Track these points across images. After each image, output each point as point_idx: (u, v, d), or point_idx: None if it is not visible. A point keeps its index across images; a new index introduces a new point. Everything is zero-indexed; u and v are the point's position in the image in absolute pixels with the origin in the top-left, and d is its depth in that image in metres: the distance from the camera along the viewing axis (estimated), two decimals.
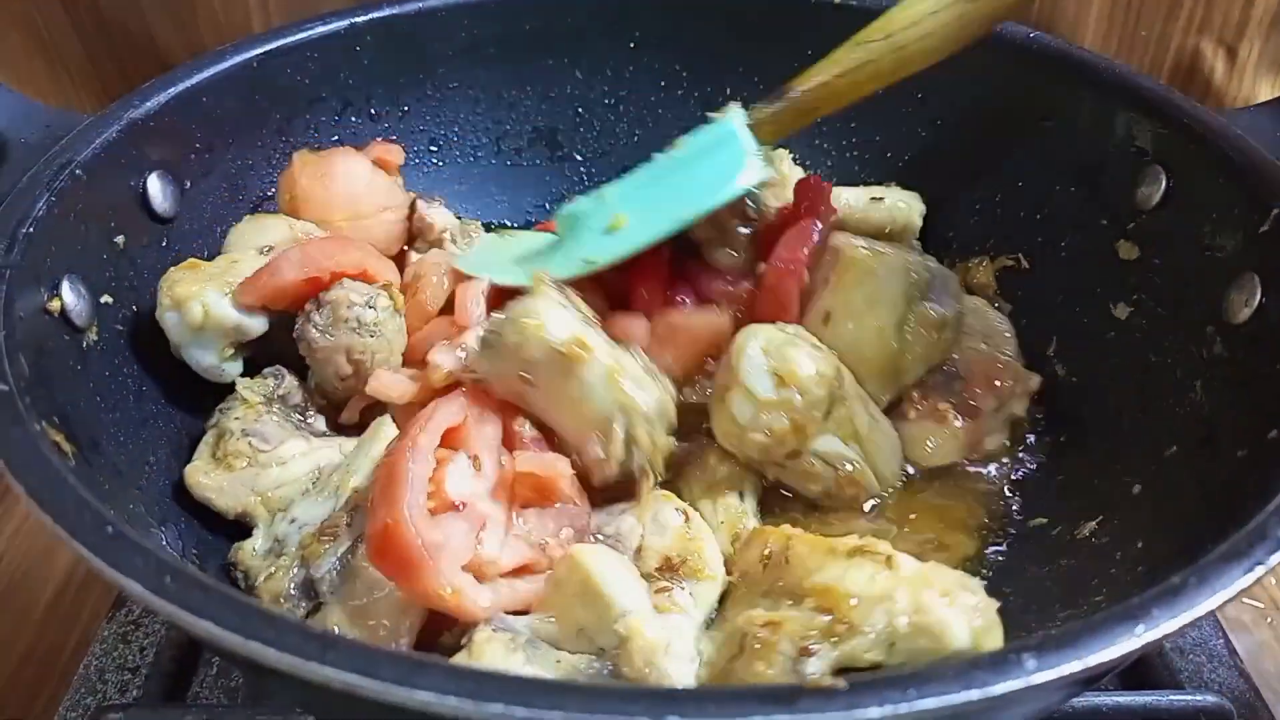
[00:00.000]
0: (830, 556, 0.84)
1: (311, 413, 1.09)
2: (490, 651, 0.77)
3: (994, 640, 0.78)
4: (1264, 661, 1.17)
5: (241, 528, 0.99)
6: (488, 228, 1.36)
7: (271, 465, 0.99)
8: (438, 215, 1.25)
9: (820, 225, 1.15)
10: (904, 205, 1.30)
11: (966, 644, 0.77)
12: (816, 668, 0.76)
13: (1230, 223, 1.00)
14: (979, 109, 1.30)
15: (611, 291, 1.16)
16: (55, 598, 1.25)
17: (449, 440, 0.91)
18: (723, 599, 0.92)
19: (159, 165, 1.10)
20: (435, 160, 1.43)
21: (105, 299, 1.00)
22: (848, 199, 1.28)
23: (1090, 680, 0.62)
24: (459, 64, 1.39)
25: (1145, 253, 1.11)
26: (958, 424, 1.08)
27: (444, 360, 1.01)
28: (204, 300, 1.01)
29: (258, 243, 1.12)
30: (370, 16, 1.30)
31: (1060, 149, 1.21)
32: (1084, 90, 1.18)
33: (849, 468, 1.03)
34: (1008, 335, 1.15)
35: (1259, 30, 1.56)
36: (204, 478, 0.98)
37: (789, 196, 1.22)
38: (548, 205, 1.46)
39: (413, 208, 1.26)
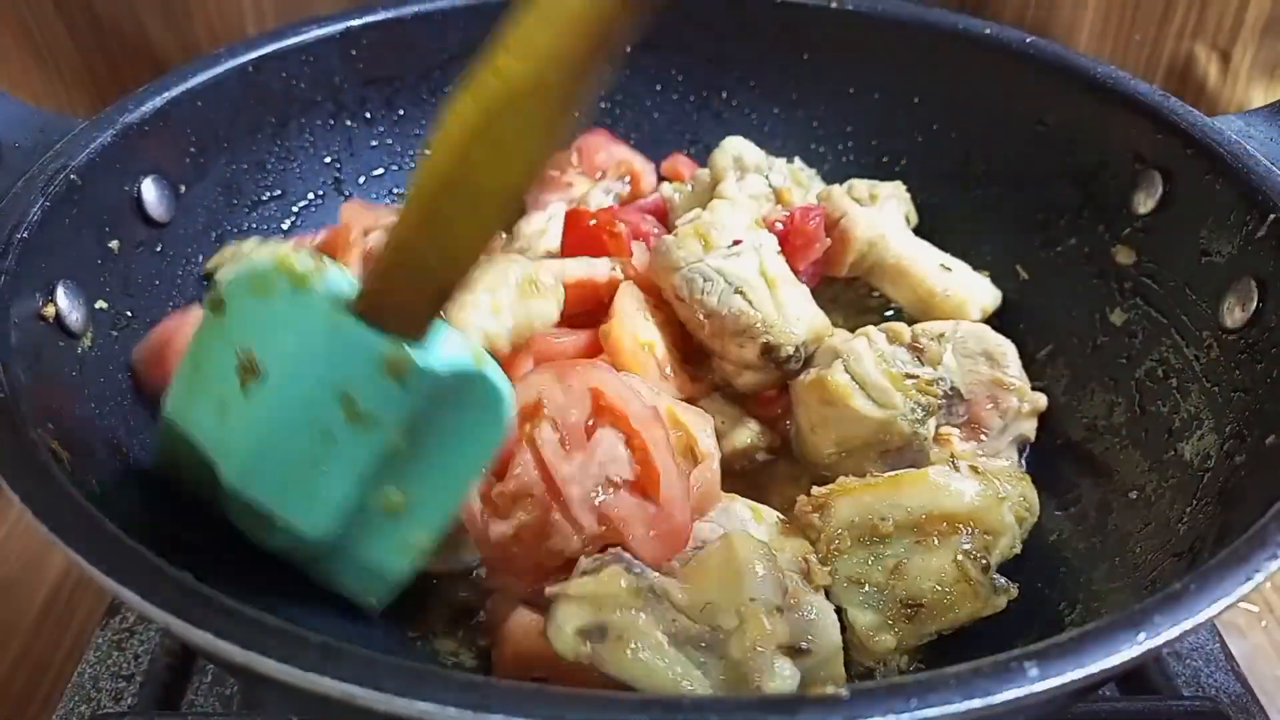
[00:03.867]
0: (914, 487, 0.94)
1: None
2: (609, 580, 0.80)
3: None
4: (1259, 664, 1.17)
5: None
6: None
7: None
8: None
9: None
10: (962, 289, 1.22)
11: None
12: (998, 576, 0.91)
13: (1227, 228, 1.00)
14: (975, 113, 1.30)
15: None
16: (48, 603, 1.24)
17: None
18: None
19: (153, 170, 1.09)
20: None
21: (100, 305, 0.99)
22: (921, 261, 1.23)
23: (1093, 687, 0.62)
24: (454, 67, 1.39)
25: (1142, 258, 1.11)
26: (962, 447, 1.07)
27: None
28: None
29: None
30: (365, 20, 1.29)
31: (1056, 153, 1.21)
32: (1081, 94, 1.18)
33: None
34: (1010, 356, 1.12)
35: (1253, 35, 1.57)
36: None
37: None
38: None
39: None
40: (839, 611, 0.89)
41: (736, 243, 1.11)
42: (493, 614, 0.97)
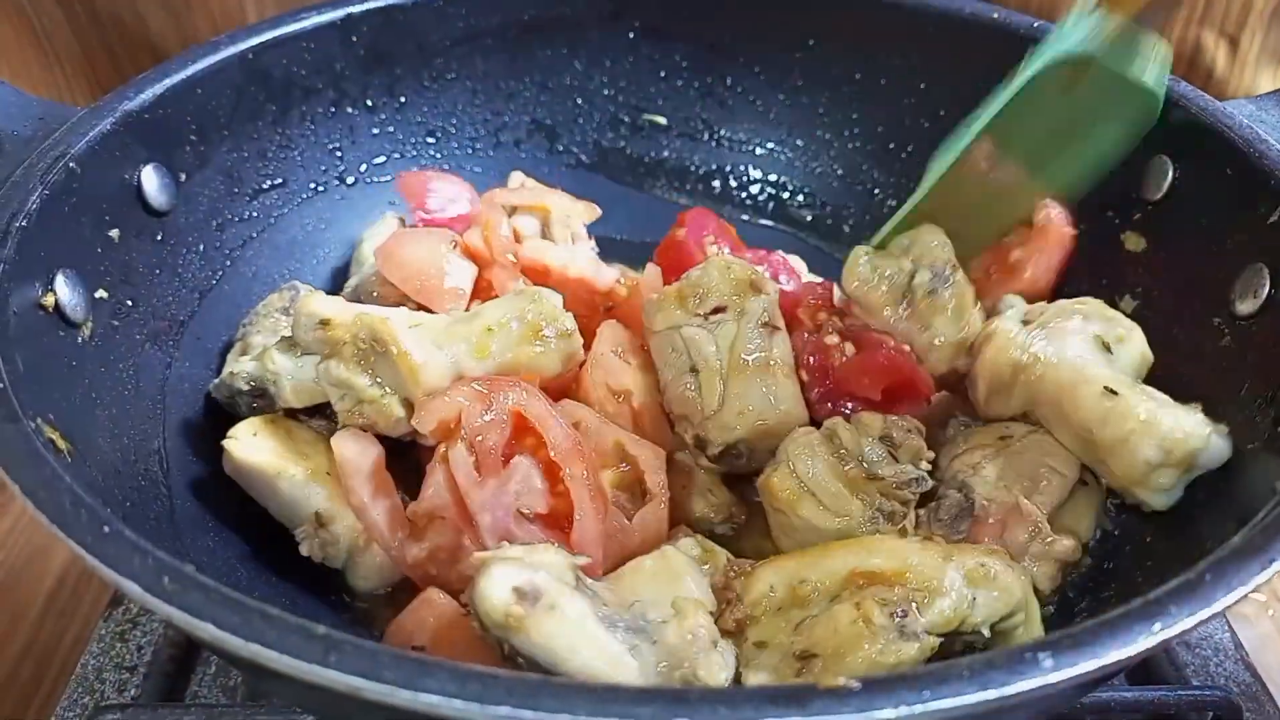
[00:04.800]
0: (845, 550, 0.86)
1: None
2: (544, 550, 0.78)
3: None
4: (1267, 654, 1.16)
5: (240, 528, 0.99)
6: None
7: None
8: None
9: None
10: (1135, 421, 0.91)
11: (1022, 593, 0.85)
12: (919, 625, 0.79)
13: (1237, 213, 0.99)
14: (982, 99, 1.29)
15: None
16: (52, 594, 1.24)
17: None
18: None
19: (153, 158, 1.08)
20: (432, 152, 1.41)
21: (100, 294, 0.98)
22: (1082, 387, 0.95)
23: (1106, 678, 0.61)
24: (456, 54, 1.38)
25: (1152, 244, 1.10)
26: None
27: None
28: None
29: None
30: (366, 6, 1.28)
31: None
32: None
33: None
34: (1053, 487, 0.96)
35: (1260, 21, 1.55)
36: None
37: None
38: None
39: None
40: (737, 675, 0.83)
41: (718, 310, 1.01)
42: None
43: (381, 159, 1.38)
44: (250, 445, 0.99)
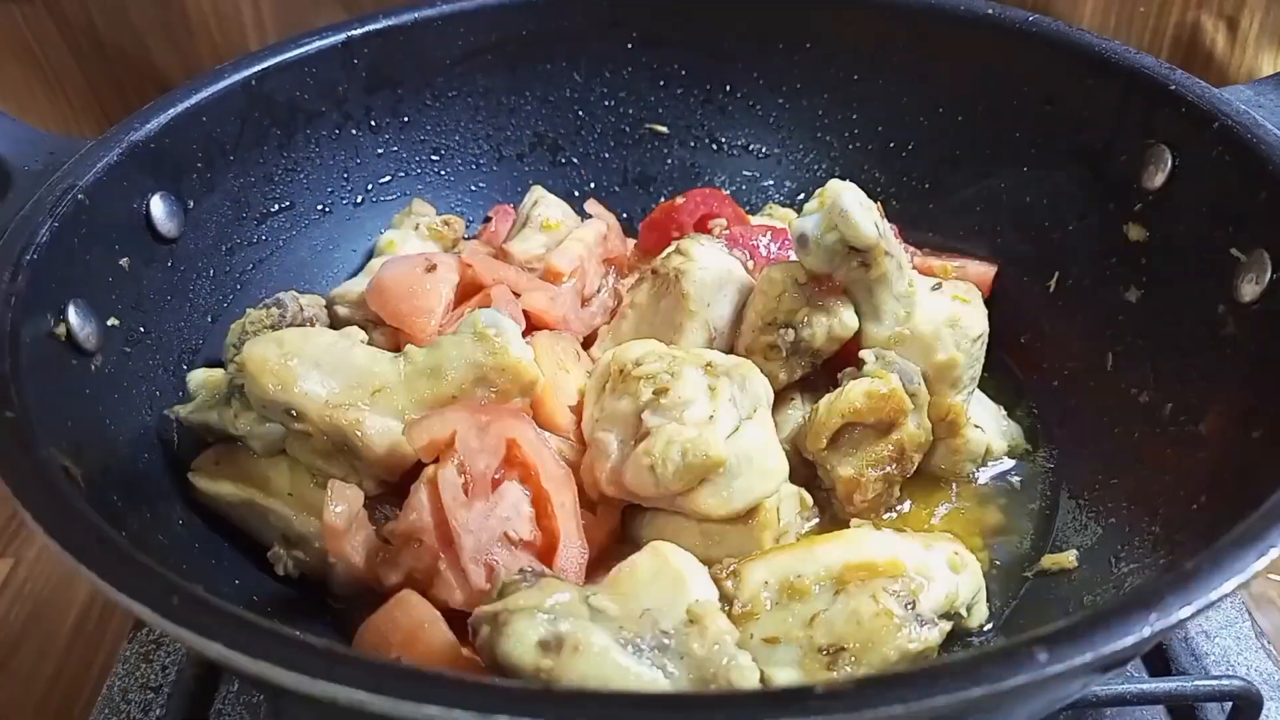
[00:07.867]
0: (831, 544, 0.91)
1: None
2: (551, 588, 0.78)
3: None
4: None
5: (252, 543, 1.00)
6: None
7: None
8: None
9: None
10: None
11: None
12: (928, 612, 0.86)
13: (1238, 200, 0.98)
14: (980, 94, 1.29)
15: None
16: (79, 621, 1.26)
17: None
18: None
19: (161, 186, 1.10)
20: (437, 169, 1.43)
21: (112, 322, 1.00)
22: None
23: (1106, 669, 0.61)
24: (457, 72, 1.39)
25: (1154, 234, 1.10)
26: None
27: None
28: None
29: None
30: (366, 29, 1.30)
31: (1064, 132, 1.20)
32: (1086, 72, 1.16)
33: None
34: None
35: (1260, 1, 1.54)
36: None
37: None
38: None
39: None
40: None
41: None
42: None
43: (387, 178, 1.39)
44: (214, 476, 1.01)
